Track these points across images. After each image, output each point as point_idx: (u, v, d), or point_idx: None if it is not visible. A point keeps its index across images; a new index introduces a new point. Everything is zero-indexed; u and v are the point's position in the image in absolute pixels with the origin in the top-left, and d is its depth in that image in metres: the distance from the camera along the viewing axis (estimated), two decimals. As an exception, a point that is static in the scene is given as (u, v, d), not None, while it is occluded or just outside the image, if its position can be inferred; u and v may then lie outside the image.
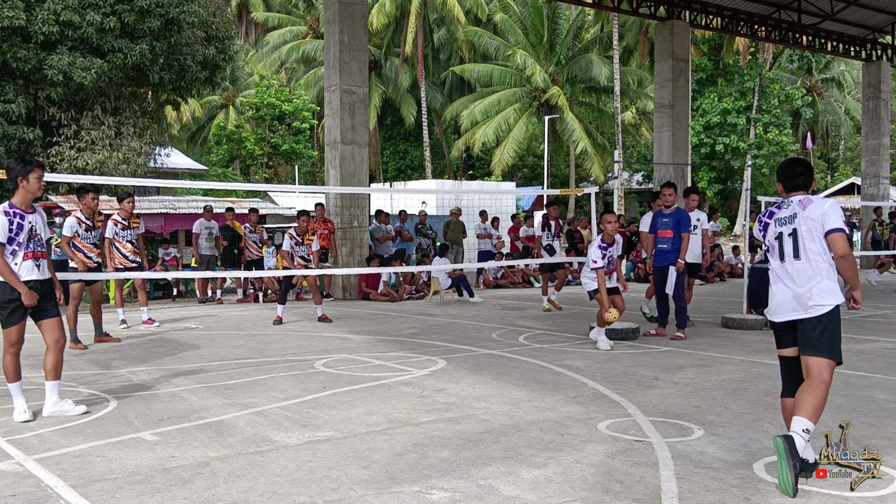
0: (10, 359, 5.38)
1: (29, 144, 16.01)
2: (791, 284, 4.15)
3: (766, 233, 4.35)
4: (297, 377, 6.77)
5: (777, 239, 4.27)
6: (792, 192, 4.32)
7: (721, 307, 12.11)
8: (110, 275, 10.01)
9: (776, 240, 4.27)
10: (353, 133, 14.39)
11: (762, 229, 4.39)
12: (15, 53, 14.92)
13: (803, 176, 4.33)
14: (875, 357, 7.69)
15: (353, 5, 14.38)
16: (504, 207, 22.01)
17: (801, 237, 4.16)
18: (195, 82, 17.86)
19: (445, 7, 35.88)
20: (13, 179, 5.35)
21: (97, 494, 3.82)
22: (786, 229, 4.24)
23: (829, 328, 4.05)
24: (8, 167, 5.39)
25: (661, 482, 3.94)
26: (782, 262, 4.23)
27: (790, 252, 4.19)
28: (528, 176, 44.62)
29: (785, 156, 35.65)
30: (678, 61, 19.67)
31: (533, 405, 5.63)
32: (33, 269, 5.36)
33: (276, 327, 10.34)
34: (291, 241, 10.93)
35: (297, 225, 11.04)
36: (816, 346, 4.03)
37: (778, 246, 4.26)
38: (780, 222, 4.28)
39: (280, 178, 37.63)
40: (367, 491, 3.84)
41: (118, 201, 10.34)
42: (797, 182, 4.31)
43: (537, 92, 36.04)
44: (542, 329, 9.82)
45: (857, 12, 22.58)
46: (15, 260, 5.29)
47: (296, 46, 38.71)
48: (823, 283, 4.08)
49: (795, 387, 4.15)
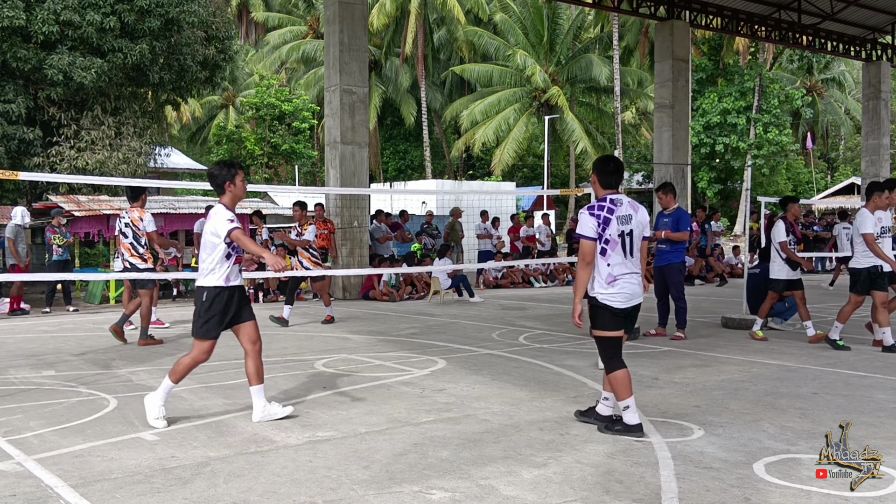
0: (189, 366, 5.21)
1: (29, 144, 16.01)
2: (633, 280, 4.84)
3: (608, 227, 4.75)
4: (297, 377, 6.77)
5: (620, 236, 4.78)
6: (607, 189, 4.89)
7: (721, 307, 12.10)
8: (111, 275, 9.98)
9: (619, 237, 4.78)
10: (353, 133, 14.39)
11: (603, 223, 4.75)
12: (15, 53, 14.93)
13: (615, 174, 4.92)
14: (875, 357, 7.69)
15: (353, 5, 14.38)
16: (504, 207, 22.00)
17: (635, 239, 4.85)
18: (195, 82, 17.87)
19: (445, 7, 35.89)
20: (220, 185, 5.20)
21: (97, 494, 3.82)
22: (626, 228, 4.80)
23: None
24: (211, 174, 5.23)
25: (661, 482, 3.94)
26: (626, 258, 4.81)
27: (629, 250, 4.82)
28: (528, 176, 44.62)
29: (785, 156, 35.65)
30: (678, 61, 19.67)
31: (533, 405, 5.63)
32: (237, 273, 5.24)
33: (276, 327, 10.32)
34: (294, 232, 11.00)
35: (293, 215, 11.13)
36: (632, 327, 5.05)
37: (622, 243, 4.79)
38: (622, 221, 4.79)
39: (280, 178, 37.63)
40: (367, 491, 3.84)
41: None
42: (611, 180, 4.91)
43: (537, 92, 36.05)
44: (542, 329, 9.81)
45: (857, 12, 22.58)
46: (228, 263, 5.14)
47: (296, 46, 38.70)
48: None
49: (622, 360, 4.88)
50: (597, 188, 4.96)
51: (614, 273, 4.77)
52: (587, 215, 4.79)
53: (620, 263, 4.77)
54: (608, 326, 4.83)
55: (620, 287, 4.77)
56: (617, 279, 4.77)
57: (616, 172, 4.92)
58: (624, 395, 4.77)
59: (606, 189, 4.89)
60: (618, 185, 4.93)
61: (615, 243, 4.75)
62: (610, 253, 4.76)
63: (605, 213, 4.75)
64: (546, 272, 17.43)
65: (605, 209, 4.76)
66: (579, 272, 4.82)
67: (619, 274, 4.77)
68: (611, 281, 4.78)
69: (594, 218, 4.76)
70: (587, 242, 4.77)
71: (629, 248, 4.80)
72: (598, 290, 4.82)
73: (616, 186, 4.92)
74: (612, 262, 4.76)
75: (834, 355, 7.78)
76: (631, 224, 4.81)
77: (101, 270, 15.74)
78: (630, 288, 4.81)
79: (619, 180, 4.94)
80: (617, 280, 4.77)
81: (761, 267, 10.28)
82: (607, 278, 4.79)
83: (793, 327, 9.84)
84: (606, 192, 4.88)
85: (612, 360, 4.84)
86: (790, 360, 7.53)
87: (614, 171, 4.92)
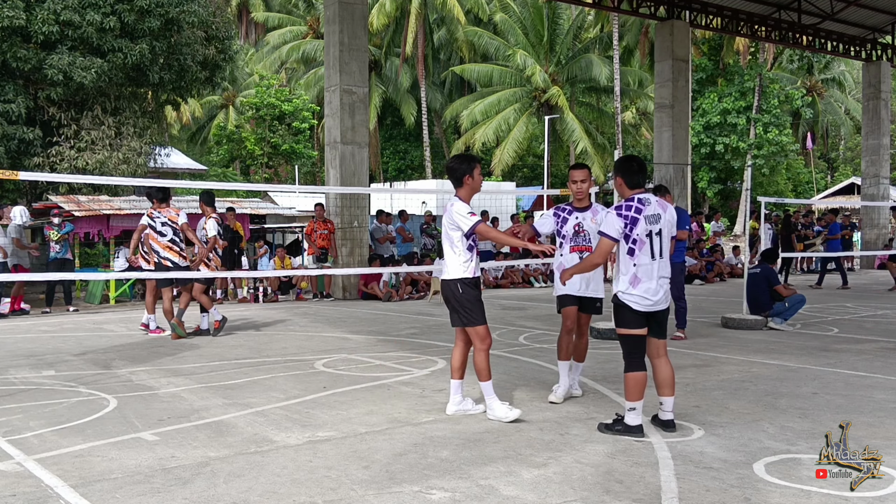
0: (484, 356, 5.20)
1: (29, 144, 16.01)
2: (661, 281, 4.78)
3: (636, 227, 4.70)
4: (297, 377, 6.77)
5: (648, 236, 4.73)
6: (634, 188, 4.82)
7: (721, 307, 12.10)
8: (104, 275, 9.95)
9: (647, 237, 4.72)
10: (353, 133, 14.39)
11: (630, 223, 4.70)
12: (15, 53, 14.93)
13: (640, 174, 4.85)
14: (875, 357, 7.69)
15: (353, 5, 14.38)
16: (504, 207, 22.02)
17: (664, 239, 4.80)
18: (195, 82, 17.87)
19: (445, 7, 35.89)
20: (460, 178, 5.25)
21: (97, 494, 3.82)
22: (654, 228, 4.74)
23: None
24: (450, 168, 5.28)
25: (661, 482, 3.94)
26: (653, 260, 4.75)
27: (658, 251, 4.77)
28: (528, 176, 44.61)
29: (785, 156, 35.63)
30: (678, 61, 19.67)
31: (533, 405, 5.63)
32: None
33: (276, 327, 10.32)
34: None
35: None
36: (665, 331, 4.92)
37: (650, 243, 4.74)
38: (650, 220, 4.73)
39: (280, 178, 37.64)
40: (367, 491, 3.84)
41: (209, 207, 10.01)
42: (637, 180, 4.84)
43: (537, 92, 36.04)
44: (542, 329, 9.81)
45: (857, 12, 22.58)
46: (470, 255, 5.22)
47: (296, 46, 38.70)
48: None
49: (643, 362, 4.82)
50: (623, 190, 4.87)
51: (639, 275, 4.72)
52: (614, 215, 4.75)
53: (647, 265, 4.71)
54: (629, 324, 4.79)
55: (644, 290, 4.72)
56: (641, 281, 4.72)
57: (640, 171, 4.87)
58: (634, 396, 4.75)
59: (633, 189, 4.83)
60: (644, 184, 4.87)
61: (643, 243, 4.71)
62: (637, 253, 4.72)
63: (632, 213, 4.71)
64: (546, 272, 17.43)
65: (632, 209, 4.72)
66: (588, 259, 4.97)
67: (645, 277, 4.72)
68: (635, 282, 4.73)
69: (621, 218, 4.71)
70: (606, 241, 4.75)
71: (658, 248, 4.75)
72: (621, 288, 4.79)
73: (642, 185, 4.86)
74: (639, 262, 4.71)
75: (834, 355, 7.79)
76: (659, 224, 4.76)
77: (101, 270, 15.73)
78: (654, 293, 4.73)
79: (644, 179, 4.88)
80: (641, 282, 4.72)
81: (762, 267, 10.28)
82: (632, 279, 4.74)
83: (793, 327, 9.84)
84: (633, 192, 4.82)
85: (631, 359, 4.80)
86: (790, 360, 7.53)
87: (639, 170, 4.86)
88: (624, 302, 4.78)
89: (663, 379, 4.85)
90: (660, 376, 4.86)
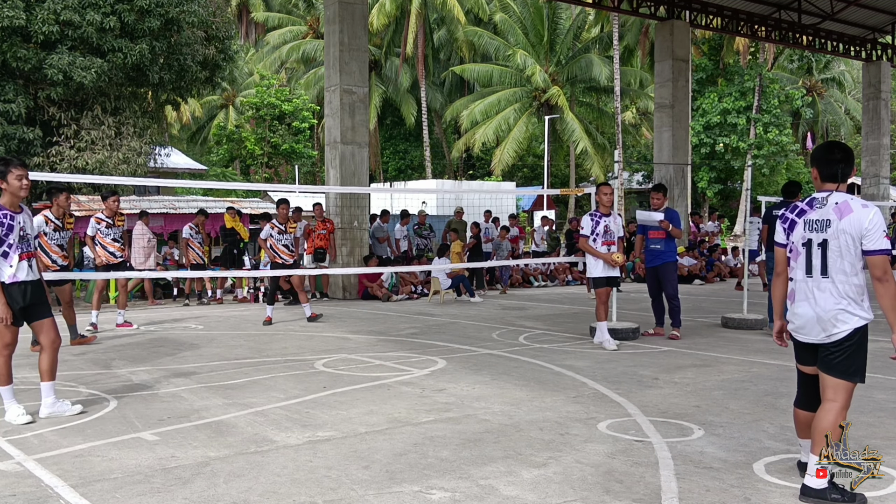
0: (3, 361, 5.34)
1: (29, 144, 16.01)
2: (815, 305, 3.80)
3: (793, 233, 3.92)
4: (297, 377, 6.77)
5: (805, 245, 3.84)
6: (828, 181, 3.86)
7: (721, 307, 12.10)
8: (98, 274, 9.96)
9: (804, 246, 3.85)
10: (353, 133, 14.38)
11: (788, 228, 3.94)
12: (15, 53, 14.93)
13: (843, 164, 3.84)
14: (875, 357, 7.65)
15: (353, 5, 14.38)
16: (504, 207, 22.03)
17: (831, 252, 3.75)
18: (195, 82, 17.86)
19: (445, 7, 35.87)
20: None
21: (97, 494, 3.82)
22: (816, 237, 3.80)
23: (853, 351, 3.82)
24: None
25: (661, 482, 3.94)
26: (808, 276, 3.83)
27: (818, 266, 3.79)
28: (528, 176, 44.60)
29: (785, 156, 35.64)
30: (678, 61, 19.67)
31: (533, 405, 5.63)
32: (27, 269, 5.35)
33: (276, 327, 10.33)
34: (273, 231, 10.72)
35: (279, 213, 10.92)
36: (834, 367, 3.79)
37: (805, 254, 3.84)
38: (811, 226, 3.84)
39: (280, 178, 37.63)
40: (367, 491, 3.84)
41: (102, 200, 10.26)
42: (835, 170, 3.84)
43: (537, 92, 36.04)
44: (542, 329, 9.81)
45: (857, 12, 22.59)
46: (9, 261, 5.26)
47: (296, 46, 38.69)
48: (851, 306, 3.78)
49: (808, 400, 4.01)
50: (816, 184, 3.95)
51: (795, 290, 3.91)
52: (780, 219, 4.05)
53: (802, 281, 3.85)
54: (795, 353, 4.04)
55: (794, 309, 3.90)
56: (795, 300, 3.89)
57: (844, 161, 3.83)
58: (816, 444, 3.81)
59: (826, 182, 3.85)
60: (842, 176, 3.85)
61: (798, 253, 3.87)
62: (792, 264, 3.92)
63: (793, 216, 3.92)
64: (546, 272, 17.44)
65: (795, 210, 3.93)
66: (772, 283, 4.14)
67: (799, 296, 3.87)
68: (791, 298, 3.94)
69: (782, 221, 4.00)
70: (778, 250, 4.03)
71: (819, 262, 3.78)
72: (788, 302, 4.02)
73: (842, 178, 3.85)
74: (795, 276, 3.91)
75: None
76: (825, 233, 3.76)
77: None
78: (807, 315, 3.82)
79: (847, 170, 3.86)
80: (795, 301, 3.90)
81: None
82: (790, 294, 3.95)
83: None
84: (824, 187, 3.85)
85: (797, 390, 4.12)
86: (790, 360, 7.49)
87: (841, 160, 3.83)
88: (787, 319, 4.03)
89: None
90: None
